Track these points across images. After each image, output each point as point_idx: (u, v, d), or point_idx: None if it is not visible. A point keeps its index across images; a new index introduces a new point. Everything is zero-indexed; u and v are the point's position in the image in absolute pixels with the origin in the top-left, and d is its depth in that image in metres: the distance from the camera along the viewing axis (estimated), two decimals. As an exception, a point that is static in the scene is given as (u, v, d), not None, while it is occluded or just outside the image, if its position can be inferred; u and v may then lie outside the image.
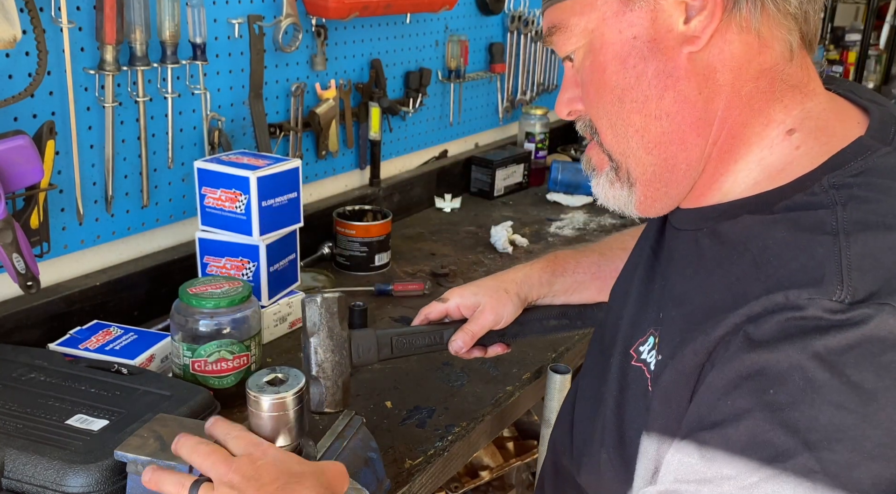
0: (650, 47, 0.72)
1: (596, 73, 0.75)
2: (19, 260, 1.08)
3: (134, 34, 1.29)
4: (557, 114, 0.82)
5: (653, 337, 0.78)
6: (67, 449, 0.90)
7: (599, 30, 0.74)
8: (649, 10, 0.71)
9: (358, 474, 0.88)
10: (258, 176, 1.29)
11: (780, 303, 0.62)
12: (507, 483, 1.79)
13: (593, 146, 0.80)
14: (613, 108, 0.75)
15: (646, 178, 0.76)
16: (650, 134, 0.74)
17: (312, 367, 0.94)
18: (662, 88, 0.72)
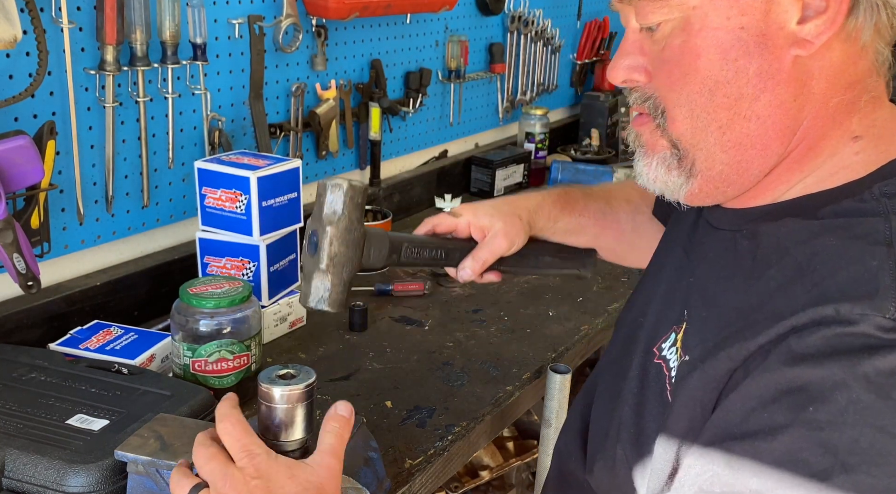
0: (757, 42, 0.66)
1: (687, 56, 0.68)
2: (20, 260, 1.08)
3: (134, 34, 1.29)
4: (610, 78, 0.76)
5: (674, 334, 0.76)
6: (68, 449, 0.90)
7: (703, 9, 0.67)
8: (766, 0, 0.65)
9: (358, 474, 0.88)
10: (258, 176, 1.29)
11: (830, 317, 0.59)
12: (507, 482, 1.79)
13: (647, 124, 0.74)
14: (700, 99, 0.69)
15: (711, 175, 0.72)
16: (733, 133, 0.70)
17: (323, 259, 0.86)
18: (760, 89, 0.68)
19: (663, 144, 0.74)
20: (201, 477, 0.76)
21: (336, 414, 0.79)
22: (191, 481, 0.75)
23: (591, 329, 1.47)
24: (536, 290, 1.62)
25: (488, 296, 1.58)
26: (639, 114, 0.76)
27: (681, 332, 0.75)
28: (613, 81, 0.75)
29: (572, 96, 2.81)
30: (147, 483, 0.86)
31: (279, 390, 0.78)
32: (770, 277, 0.67)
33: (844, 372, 0.57)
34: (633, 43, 0.74)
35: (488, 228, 0.98)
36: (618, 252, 1.12)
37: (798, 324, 0.61)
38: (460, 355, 1.34)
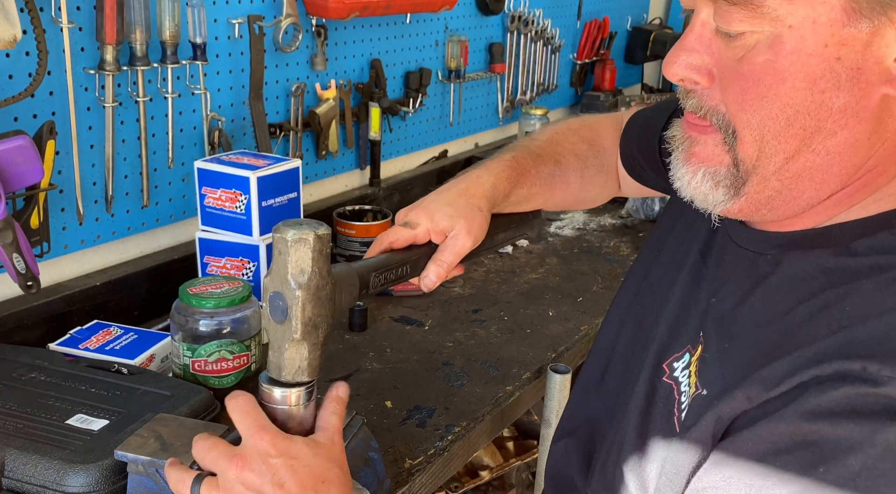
0: (850, 76, 0.60)
1: (770, 77, 0.62)
2: (19, 260, 1.08)
3: (134, 34, 1.29)
4: (665, 73, 0.68)
5: (688, 355, 0.73)
6: (68, 449, 0.90)
7: (801, 30, 0.60)
8: (871, 31, 0.58)
9: (358, 474, 0.88)
10: (258, 176, 1.29)
11: (855, 373, 0.57)
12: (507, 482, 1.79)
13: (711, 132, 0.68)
14: (774, 126, 0.63)
15: (757, 198, 0.67)
16: (797, 164, 0.64)
17: (297, 328, 0.74)
18: (841, 126, 0.62)
19: (724, 160, 0.67)
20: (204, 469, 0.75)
21: (336, 396, 0.80)
22: (190, 474, 0.74)
23: (591, 329, 1.47)
24: (536, 290, 1.61)
25: (488, 296, 1.58)
26: (695, 118, 0.69)
27: (695, 355, 0.72)
28: (669, 77, 0.68)
29: (572, 96, 2.81)
30: (147, 483, 0.86)
31: (279, 391, 0.78)
32: (796, 314, 0.64)
33: (863, 435, 0.55)
34: (699, 37, 0.66)
35: (449, 229, 0.91)
36: (565, 205, 1.13)
37: (822, 374, 0.58)
38: (460, 355, 1.34)
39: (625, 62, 2.97)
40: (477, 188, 0.95)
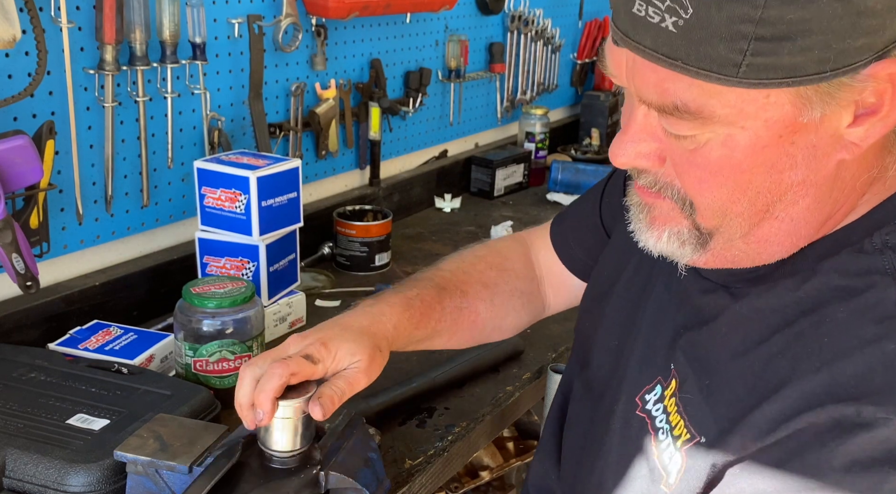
0: (805, 154, 0.61)
1: (727, 169, 0.62)
2: (19, 260, 1.07)
3: (133, 34, 1.29)
4: (613, 162, 0.67)
5: (660, 387, 0.74)
6: (68, 449, 0.90)
7: (755, 129, 0.59)
8: (822, 115, 0.59)
9: (358, 474, 0.88)
10: (258, 176, 1.29)
11: (851, 418, 0.57)
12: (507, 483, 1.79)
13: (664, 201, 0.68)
14: (735, 206, 0.64)
15: (724, 255, 0.68)
16: (761, 231, 0.65)
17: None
18: (801, 195, 0.63)
19: (682, 222, 0.68)
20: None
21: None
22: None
23: (592, 328, 1.46)
24: (536, 290, 1.61)
25: (488, 296, 1.58)
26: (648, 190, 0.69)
27: (670, 388, 0.72)
28: (617, 166, 0.68)
29: (572, 96, 2.81)
30: (146, 484, 0.85)
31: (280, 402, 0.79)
32: (772, 343, 0.64)
33: (869, 487, 0.55)
34: (643, 127, 0.65)
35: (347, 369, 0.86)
36: (477, 339, 1.06)
37: (817, 422, 0.58)
38: (460, 355, 1.34)
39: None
40: (379, 327, 0.90)
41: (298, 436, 0.83)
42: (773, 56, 0.55)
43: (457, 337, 1.02)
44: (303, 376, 0.81)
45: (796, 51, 0.54)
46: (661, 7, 0.56)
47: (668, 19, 0.56)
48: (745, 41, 0.54)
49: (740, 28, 0.54)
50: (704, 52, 0.55)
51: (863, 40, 0.55)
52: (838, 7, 0.53)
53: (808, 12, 0.53)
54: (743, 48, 0.54)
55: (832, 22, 0.53)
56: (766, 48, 0.54)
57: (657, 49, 0.57)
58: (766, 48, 0.54)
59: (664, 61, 0.57)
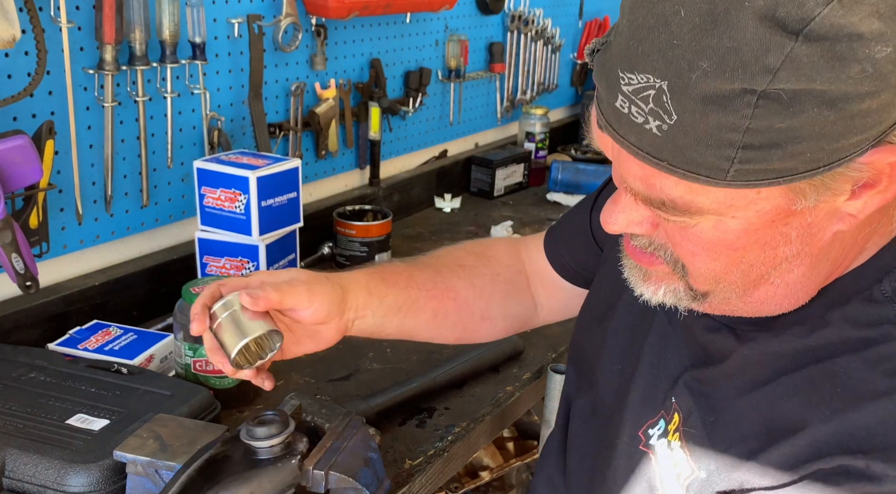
0: (800, 232, 0.60)
1: (719, 246, 0.62)
2: (18, 260, 1.07)
3: (133, 34, 1.29)
4: (605, 229, 0.67)
5: (663, 422, 0.73)
6: (68, 449, 0.90)
7: (745, 218, 0.59)
8: (818, 201, 0.57)
9: (358, 474, 0.88)
10: (258, 176, 1.29)
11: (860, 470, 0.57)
12: (507, 483, 1.79)
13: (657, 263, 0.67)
14: (729, 277, 0.64)
15: (722, 308, 0.68)
16: (757, 293, 0.65)
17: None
18: (796, 265, 0.63)
19: (678, 283, 0.68)
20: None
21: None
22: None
23: (592, 328, 1.46)
24: (536, 290, 1.61)
25: (488, 296, 1.57)
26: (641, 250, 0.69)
27: (673, 423, 0.72)
28: (609, 232, 0.68)
29: (573, 96, 2.80)
30: (146, 484, 0.85)
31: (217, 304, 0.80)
32: (780, 385, 0.64)
33: None
34: (632, 201, 0.64)
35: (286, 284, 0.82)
36: (467, 324, 1.01)
37: (825, 469, 0.58)
38: (460, 355, 1.34)
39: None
40: (336, 276, 0.87)
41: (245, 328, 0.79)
42: (762, 162, 0.54)
43: (440, 317, 0.96)
44: (232, 286, 0.81)
45: (786, 156, 0.53)
46: (645, 109, 0.55)
47: (652, 122, 0.55)
48: (732, 149, 0.53)
49: (727, 136, 0.53)
50: (690, 156, 0.55)
51: (858, 136, 0.53)
52: (830, 114, 0.52)
53: (797, 121, 0.52)
54: (730, 156, 0.53)
55: (824, 128, 0.52)
56: (755, 156, 0.53)
57: (642, 148, 0.56)
58: (754, 156, 0.53)
59: (649, 160, 0.56)
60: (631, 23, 0.55)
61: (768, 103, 0.51)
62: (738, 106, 0.52)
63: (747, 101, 0.51)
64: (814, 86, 0.51)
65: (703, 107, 0.52)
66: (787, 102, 0.51)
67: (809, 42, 0.50)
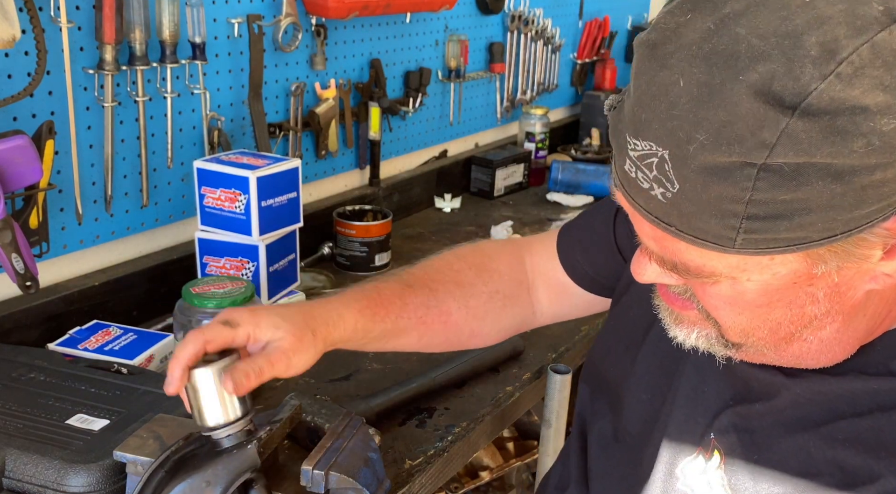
0: (827, 292, 0.59)
1: (740, 303, 0.61)
2: (18, 260, 1.07)
3: (133, 34, 1.29)
4: (636, 277, 0.67)
5: (702, 459, 0.71)
6: (68, 449, 0.90)
7: (762, 280, 0.58)
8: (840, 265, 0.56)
9: (358, 474, 0.88)
10: (258, 176, 1.29)
11: None
12: (507, 483, 1.79)
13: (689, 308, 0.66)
14: (758, 332, 0.63)
15: (758, 358, 0.67)
16: (791, 348, 0.64)
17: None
18: (828, 322, 0.61)
19: (711, 329, 0.66)
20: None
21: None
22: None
23: (592, 329, 1.46)
24: (536, 290, 1.61)
25: (488, 296, 1.57)
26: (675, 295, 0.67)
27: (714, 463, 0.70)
28: (639, 280, 0.67)
29: (573, 96, 2.80)
30: (146, 484, 0.85)
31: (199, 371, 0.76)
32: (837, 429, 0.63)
33: None
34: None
35: (269, 341, 0.78)
36: (453, 342, 1.00)
37: None
38: (460, 355, 1.34)
39: (625, 62, 2.97)
40: (320, 311, 0.84)
41: (226, 406, 0.78)
42: (769, 232, 0.53)
43: (427, 339, 0.95)
44: (220, 342, 0.76)
45: (795, 227, 0.52)
46: (650, 176, 0.55)
47: (657, 189, 0.55)
48: (736, 219, 0.53)
49: (730, 207, 0.52)
50: (696, 224, 0.54)
51: (874, 206, 0.52)
52: (837, 187, 0.51)
53: (802, 193, 0.51)
54: (735, 226, 0.53)
55: (833, 200, 0.51)
56: (761, 226, 0.53)
57: (651, 211, 0.57)
58: (760, 226, 0.53)
59: (659, 224, 0.57)
60: (636, 88, 0.55)
61: (770, 176, 0.51)
62: (739, 178, 0.51)
63: (747, 174, 0.51)
64: (815, 160, 0.50)
65: (703, 178, 0.52)
66: (789, 175, 0.50)
67: (807, 117, 0.49)
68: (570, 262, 1.01)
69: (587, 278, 1.00)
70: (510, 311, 1.02)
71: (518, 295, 1.03)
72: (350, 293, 0.90)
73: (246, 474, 0.79)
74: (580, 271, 1.01)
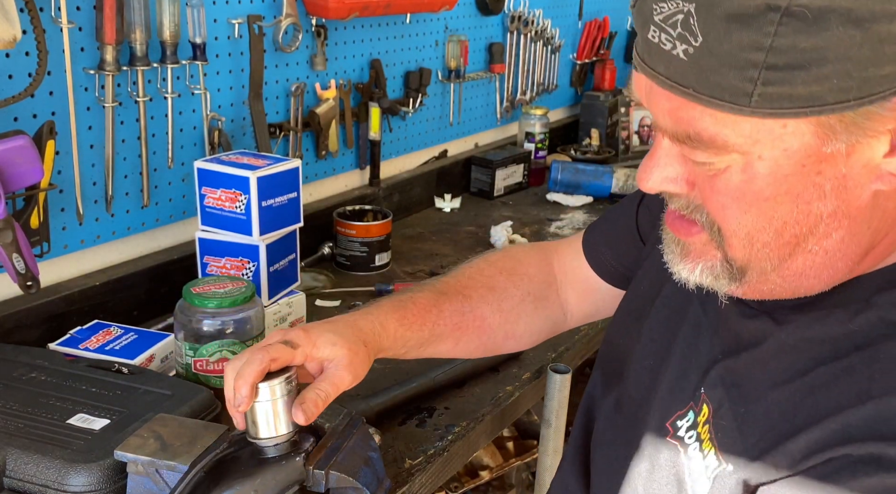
0: (835, 185, 0.59)
1: (748, 195, 0.61)
2: (19, 260, 1.08)
3: (134, 34, 1.29)
4: (641, 187, 0.67)
5: (692, 414, 0.72)
6: (69, 449, 0.90)
7: (773, 158, 0.58)
8: (850, 144, 0.57)
9: (358, 474, 0.88)
10: (258, 176, 1.29)
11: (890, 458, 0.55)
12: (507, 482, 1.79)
13: (696, 233, 0.67)
14: (762, 236, 0.62)
15: (761, 288, 0.66)
16: (795, 264, 0.63)
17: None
18: (834, 228, 0.61)
19: (714, 255, 0.67)
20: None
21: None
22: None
23: (591, 329, 1.47)
24: (536, 290, 1.61)
25: (488, 296, 1.58)
26: (680, 216, 0.68)
27: (702, 415, 0.71)
28: (645, 190, 0.67)
29: (572, 96, 2.81)
30: (147, 484, 0.86)
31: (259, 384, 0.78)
32: (818, 375, 0.63)
33: None
34: (667, 152, 0.65)
35: (328, 359, 0.83)
36: (489, 347, 1.02)
37: (855, 454, 0.57)
38: (460, 355, 1.34)
39: (625, 62, 2.97)
40: (365, 322, 0.88)
41: (280, 421, 0.81)
42: (786, 85, 0.53)
43: (463, 344, 0.98)
44: (282, 361, 0.80)
45: (811, 80, 0.53)
46: (673, 34, 0.56)
47: (679, 47, 0.56)
48: (755, 70, 0.53)
49: (750, 56, 0.53)
50: (715, 80, 0.55)
51: (890, 68, 0.53)
52: (856, 35, 0.51)
53: (821, 40, 0.52)
54: (753, 77, 0.54)
55: (850, 50, 0.52)
56: (778, 77, 0.53)
57: (670, 76, 0.58)
58: (777, 77, 0.53)
59: (676, 89, 0.58)
60: None
61: (792, 21, 0.52)
62: (762, 23, 0.52)
63: (770, 19, 0.52)
64: (837, 4, 0.51)
65: (727, 25, 0.53)
66: (811, 20, 0.51)
67: None
68: (595, 258, 1.03)
69: (613, 272, 1.02)
70: (542, 313, 1.04)
71: (548, 296, 1.05)
72: (387, 303, 0.93)
73: (294, 486, 0.80)
74: (606, 266, 1.02)
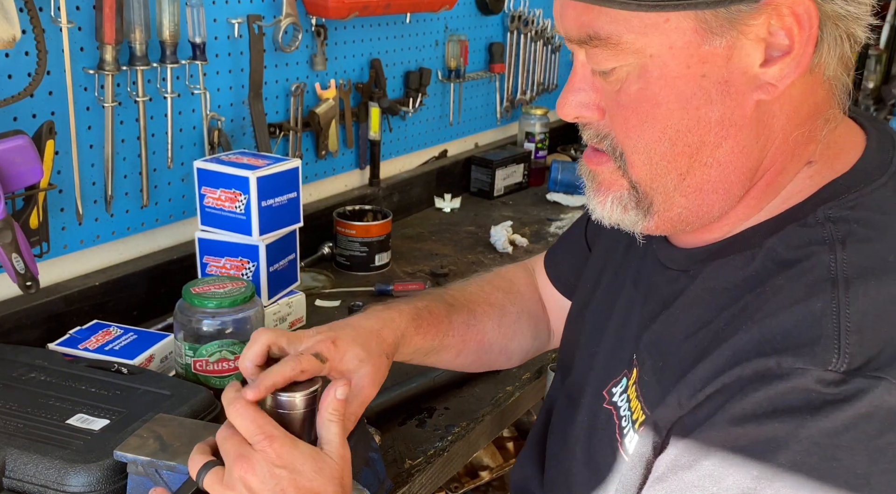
0: (719, 89, 0.63)
1: (645, 104, 0.65)
2: (18, 260, 1.07)
3: (133, 34, 1.29)
4: (560, 114, 0.72)
5: (625, 379, 0.75)
6: (68, 449, 0.90)
7: (661, 57, 0.63)
8: (728, 46, 0.62)
9: (359, 474, 0.88)
10: (258, 176, 1.29)
11: (772, 371, 0.58)
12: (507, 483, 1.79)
13: (606, 163, 0.71)
14: (659, 147, 0.66)
15: (669, 216, 0.70)
16: (693, 179, 0.67)
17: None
18: (723, 137, 0.65)
19: (622, 184, 0.71)
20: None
21: (333, 399, 0.77)
22: (204, 457, 0.73)
23: (592, 328, 1.46)
24: (536, 290, 1.61)
25: (488, 296, 1.58)
26: (593, 150, 0.72)
27: (632, 378, 0.73)
28: (563, 117, 0.72)
29: (572, 96, 2.80)
30: (147, 484, 0.85)
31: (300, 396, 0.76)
32: (720, 319, 0.66)
33: (787, 433, 0.57)
34: (582, 78, 0.70)
35: (353, 373, 0.85)
36: (485, 361, 1.06)
37: (743, 375, 0.60)
38: (460, 355, 1.34)
39: (624, 62, 2.97)
40: (389, 332, 0.90)
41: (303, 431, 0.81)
42: None
43: (463, 356, 1.02)
44: (310, 374, 0.80)
45: None
46: None
47: None
48: None
49: None
50: None
51: None
52: None
53: None
54: None
55: None
56: None
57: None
58: None
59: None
60: None
61: None
62: None
63: None
64: None
65: None
66: None
67: None
68: (554, 273, 1.08)
69: (570, 285, 1.05)
70: (534, 331, 1.09)
71: (539, 315, 1.10)
72: (407, 310, 0.95)
73: None
74: (563, 279, 1.06)
